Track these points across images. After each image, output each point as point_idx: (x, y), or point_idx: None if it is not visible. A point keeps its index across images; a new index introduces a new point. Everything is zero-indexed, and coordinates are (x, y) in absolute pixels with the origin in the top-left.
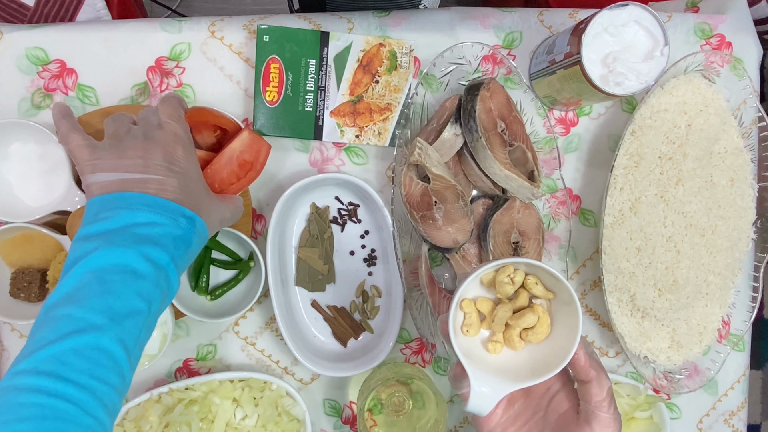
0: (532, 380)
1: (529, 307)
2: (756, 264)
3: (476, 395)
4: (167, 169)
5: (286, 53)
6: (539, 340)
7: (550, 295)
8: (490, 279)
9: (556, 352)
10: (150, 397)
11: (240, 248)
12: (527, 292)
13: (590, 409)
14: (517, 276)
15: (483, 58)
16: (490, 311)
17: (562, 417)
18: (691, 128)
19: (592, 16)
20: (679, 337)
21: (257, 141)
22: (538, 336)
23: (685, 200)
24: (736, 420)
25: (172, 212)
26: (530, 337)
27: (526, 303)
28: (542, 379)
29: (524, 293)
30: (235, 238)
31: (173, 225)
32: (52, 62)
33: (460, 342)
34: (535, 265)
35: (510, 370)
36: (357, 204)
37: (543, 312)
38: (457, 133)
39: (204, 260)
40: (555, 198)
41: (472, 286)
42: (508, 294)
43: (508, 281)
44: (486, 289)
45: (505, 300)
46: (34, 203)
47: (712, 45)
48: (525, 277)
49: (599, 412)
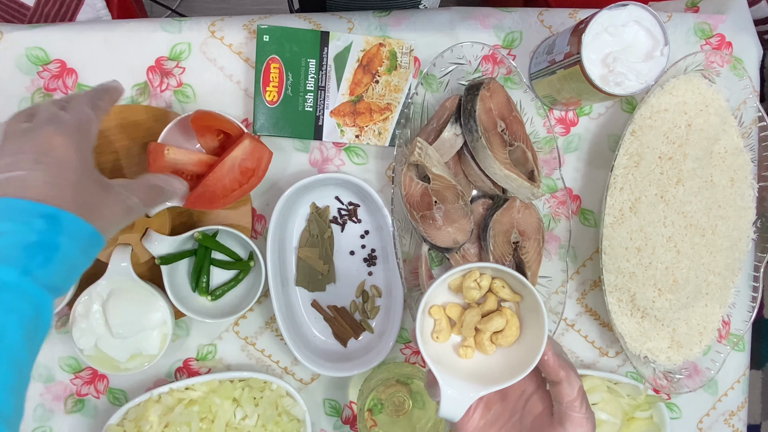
0: (502, 383)
1: (498, 310)
2: (756, 264)
3: (447, 400)
4: (35, 162)
5: (286, 53)
6: (509, 343)
7: (518, 298)
8: (457, 284)
9: (526, 355)
10: (150, 397)
11: (240, 248)
12: (495, 296)
13: (563, 409)
14: (484, 280)
15: (483, 58)
16: (460, 316)
17: (537, 419)
18: (691, 128)
19: (592, 16)
20: (679, 337)
21: (258, 148)
22: (508, 339)
23: (685, 200)
24: (736, 420)
25: (23, 214)
26: (500, 340)
27: (495, 307)
28: (512, 381)
29: (492, 297)
30: (235, 238)
31: (23, 230)
32: (52, 62)
33: (429, 349)
34: (501, 269)
35: (482, 373)
36: (357, 204)
37: (511, 315)
38: (457, 133)
39: (204, 261)
40: (555, 198)
41: (440, 292)
42: (475, 299)
43: (475, 286)
44: (455, 295)
45: (473, 305)
46: None
47: (712, 45)
48: (492, 281)
49: (571, 412)
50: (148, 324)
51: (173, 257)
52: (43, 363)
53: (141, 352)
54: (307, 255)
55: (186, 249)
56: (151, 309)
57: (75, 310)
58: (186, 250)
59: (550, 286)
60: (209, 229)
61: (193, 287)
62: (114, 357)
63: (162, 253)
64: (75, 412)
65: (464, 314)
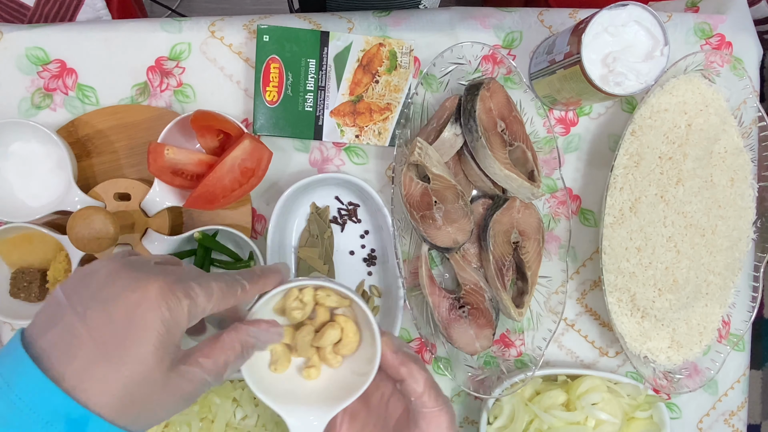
0: (353, 395)
1: (330, 322)
2: (756, 264)
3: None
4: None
5: (286, 53)
6: (352, 350)
7: (346, 301)
8: (281, 306)
9: (369, 359)
10: None
11: (240, 248)
12: (324, 306)
13: (414, 407)
14: (305, 296)
15: (483, 58)
16: (293, 338)
17: (398, 421)
18: (691, 128)
19: (592, 16)
20: (679, 337)
21: (258, 148)
22: (349, 347)
23: (685, 200)
24: (736, 420)
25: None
26: (342, 350)
27: (328, 318)
28: (360, 391)
29: (322, 309)
30: (235, 238)
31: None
32: (52, 62)
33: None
34: (316, 282)
35: (336, 388)
36: (357, 204)
37: (345, 321)
38: (457, 133)
39: (204, 260)
40: (555, 198)
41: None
42: (300, 318)
43: (297, 305)
44: (285, 318)
45: (306, 322)
46: (34, 203)
47: (712, 45)
48: (315, 293)
49: (422, 408)
50: None
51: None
52: None
53: None
54: (307, 255)
55: (186, 249)
56: None
57: None
58: (186, 250)
59: (550, 286)
60: (209, 229)
61: None
62: None
63: (162, 253)
64: None
65: (296, 334)
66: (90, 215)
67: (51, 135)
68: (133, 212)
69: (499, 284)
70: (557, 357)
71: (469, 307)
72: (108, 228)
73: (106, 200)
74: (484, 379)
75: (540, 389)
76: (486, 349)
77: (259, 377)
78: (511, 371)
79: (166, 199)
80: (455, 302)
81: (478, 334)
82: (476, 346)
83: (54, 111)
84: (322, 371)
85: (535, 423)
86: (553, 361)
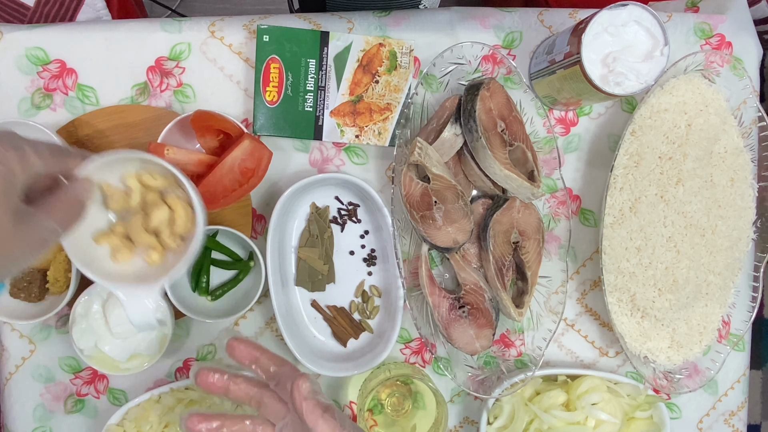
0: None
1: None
2: (756, 264)
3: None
4: None
5: (286, 53)
6: (187, 229)
7: (171, 179)
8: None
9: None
10: (150, 397)
11: (240, 248)
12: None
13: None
14: (129, 180)
15: (483, 58)
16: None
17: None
18: (691, 128)
19: (592, 16)
20: (679, 337)
21: (258, 148)
22: (183, 226)
23: (685, 200)
24: (736, 420)
25: None
26: (179, 230)
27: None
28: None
29: (152, 193)
30: (235, 238)
31: None
32: (52, 62)
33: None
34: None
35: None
36: (357, 204)
37: (174, 201)
38: (457, 133)
39: (204, 261)
40: (555, 198)
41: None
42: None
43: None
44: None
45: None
46: None
47: (712, 45)
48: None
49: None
50: None
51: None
52: (43, 363)
53: (141, 352)
54: (307, 255)
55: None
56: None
57: (75, 310)
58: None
59: (550, 286)
60: (209, 229)
61: (193, 287)
62: (114, 357)
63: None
64: (75, 412)
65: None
66: None
67: (51, 135)
68: None
69: (499, 284)
70: (557, 357)
71: (469, 307)
72: None
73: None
74: (484, 379)
75: (540, 389)
76: (486, 349)
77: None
78: (511, 371)
79: None
80: (455, 302)
81: (478, 334)
82: (476, 346)
83: (54, 111)
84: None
85: (535, 423)
86: (553, 361)
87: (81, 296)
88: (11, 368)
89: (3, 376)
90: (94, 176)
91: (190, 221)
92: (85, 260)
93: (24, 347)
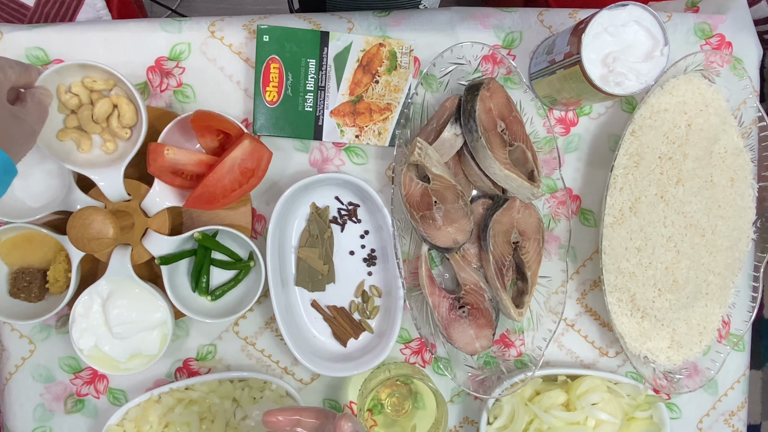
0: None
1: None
2: (756, 264)
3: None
4: None
5: (286, 53)
6: (133, 120)
7: (111, 82)
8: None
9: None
10: (150, 397)
11: (240, 248)
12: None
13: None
14: (74, 87)
15: (483, 58)
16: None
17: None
18: (691, 128)
19: (592, 16)
20: (679, 337)
21: (258, 149)
22: (128, 116)
23: (685, 200)
24: (736, 420)
25: None
26: (124, 121)
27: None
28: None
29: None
30: (235, 239)
31: None
32: (52, 62)
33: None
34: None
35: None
36: (357, 204)
37: (117, 97)
38: (457, 133)
39: (204, 261)
40: (555, 198)
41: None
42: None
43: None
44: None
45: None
46: (34, 203)
47: (712, 45)
48: (83, 80)
49: None
50: (148, 324)
51: (173, 257)
52: (43, 363)
53: (141, 352)
54: (307, 255)
55: (186, 249)
56: (151, 309)
57: (75, 310)
58: (186, 250)
59: (550, 286)
60: (209, 230)
61: (193, 287)
62: (114, 357)
63: (162, 254)
64: (75, 412)
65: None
66: (89, 215)
67: None
68: (133, 212)
69: (499, 284)
70: (557, 357)
71: (469, 307)
72: (107, 228)
73: (105, 200)
74: (484, 379)
75: (540, 389)
76: (486, 349)
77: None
78: (511, 371)
79: (166, 199)
80: (455, 302)
81: (478, 334)
82: (476, 346)
83: None
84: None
85: (535, 423)
86: (553, 361)
87: (81, 296)
88: (11, 368)
89: (3, 376)
90: (49, 84)
91: (133, 113)
92: (61, 156)
93: (24, 347)
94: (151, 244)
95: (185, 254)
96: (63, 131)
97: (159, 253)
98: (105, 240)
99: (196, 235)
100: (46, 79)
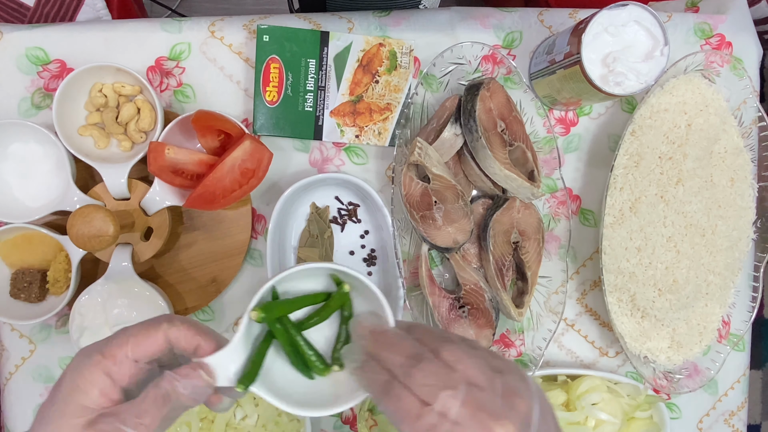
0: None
1: (131, 103)
2: (756, 264)
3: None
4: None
5: (286, 53)
6: (150, 125)
7: (137, 89)
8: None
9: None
10: None
11: (313, 279)
12: (124, 96)
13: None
14: (104, 89)
15: (483, 58)
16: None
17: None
18: (691, 128)
19: (592, 16)
20: (679, 337)
21: (259, 149)
22: (146, 122)
23: (685, 200)
24: (736, 420)
25: None
26: (141, 126)
27: (129, 102)
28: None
29: (123, 98)
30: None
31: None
32: (52, 62)
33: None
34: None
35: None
36: (357, 204)
37: (141, 103)
38: (457, 133)
39: (291, 342)
40: (555, 198)
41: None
42: (102, 104)
43: (99, 95)
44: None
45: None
46: (34, 203)
47: (712, 45)
48: (113, 84)
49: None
50: None
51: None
52: (43, 363)
53: None
54: (307, 255)
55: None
56: (151, 308)
57: (75, 309)
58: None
59: (550, 286)
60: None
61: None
62: None
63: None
64: None
65: (105, 117)
66: (90, 213)
67: (50, 135)
68: (133, 211)
69: (499, 284)
70: (557, 357)
71: (469, 307)
72: (108, 226)
73: (105, 200)
74: None
75: None
76: None
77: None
78: None
79: (166, 198)
80: (455, 302)
81: (478, 334)
82: None
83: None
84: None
85: None
86: (553, 361)
87: (81, 296)
88: (11, 368)
89: (3, 376)
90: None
91: (152, 119)
92: (80, 151)
93: (24, 347)
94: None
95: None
96: (84, 127)
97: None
98: (105, 237)
99: (254, 315)
100: (83, 74)
